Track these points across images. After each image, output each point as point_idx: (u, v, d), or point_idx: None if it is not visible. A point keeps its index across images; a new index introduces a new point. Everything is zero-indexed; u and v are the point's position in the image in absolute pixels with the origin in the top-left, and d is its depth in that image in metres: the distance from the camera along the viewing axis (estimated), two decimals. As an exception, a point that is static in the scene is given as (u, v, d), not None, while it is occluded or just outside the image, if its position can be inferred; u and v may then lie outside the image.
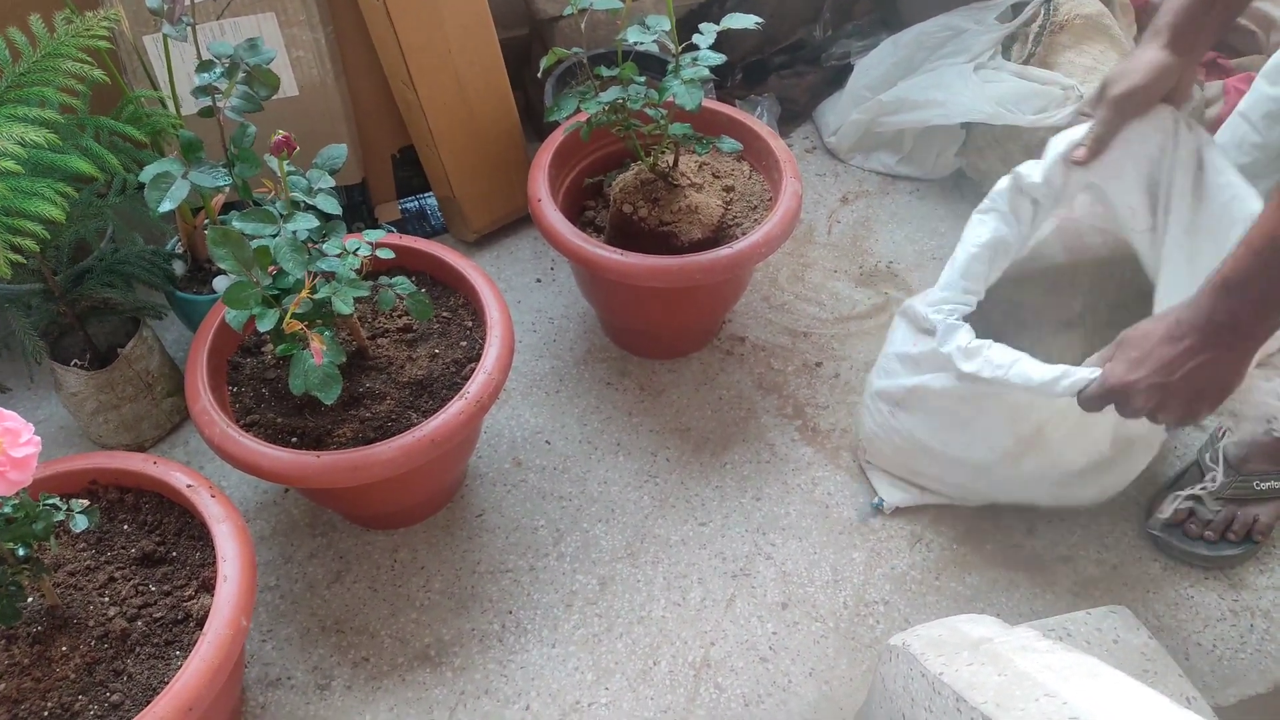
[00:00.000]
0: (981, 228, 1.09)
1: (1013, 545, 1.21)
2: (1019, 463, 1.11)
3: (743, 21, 1.13)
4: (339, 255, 0.97)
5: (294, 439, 1.05)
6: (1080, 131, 1.07)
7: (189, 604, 0.93)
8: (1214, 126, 1.29)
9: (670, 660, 1.10)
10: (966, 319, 1.07)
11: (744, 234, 1.25)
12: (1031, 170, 1.09)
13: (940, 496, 1.23)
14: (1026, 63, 1.56)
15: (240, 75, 0.97)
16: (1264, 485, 1.18)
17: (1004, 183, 1.10)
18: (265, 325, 0.90)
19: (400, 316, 1.16)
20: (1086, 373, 0.93)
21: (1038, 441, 1.08)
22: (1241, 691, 1.09)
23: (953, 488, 1.22)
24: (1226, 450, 1.21)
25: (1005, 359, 1.00)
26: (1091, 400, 0.93)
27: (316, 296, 0.93)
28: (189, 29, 0.99)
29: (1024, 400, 1.04)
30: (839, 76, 1.77)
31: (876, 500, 1.24)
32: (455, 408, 1.02)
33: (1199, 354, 0.84)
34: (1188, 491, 1.20)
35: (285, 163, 0.94)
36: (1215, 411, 0.89)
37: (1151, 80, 1.02)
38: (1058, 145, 1.08)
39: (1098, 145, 1.05)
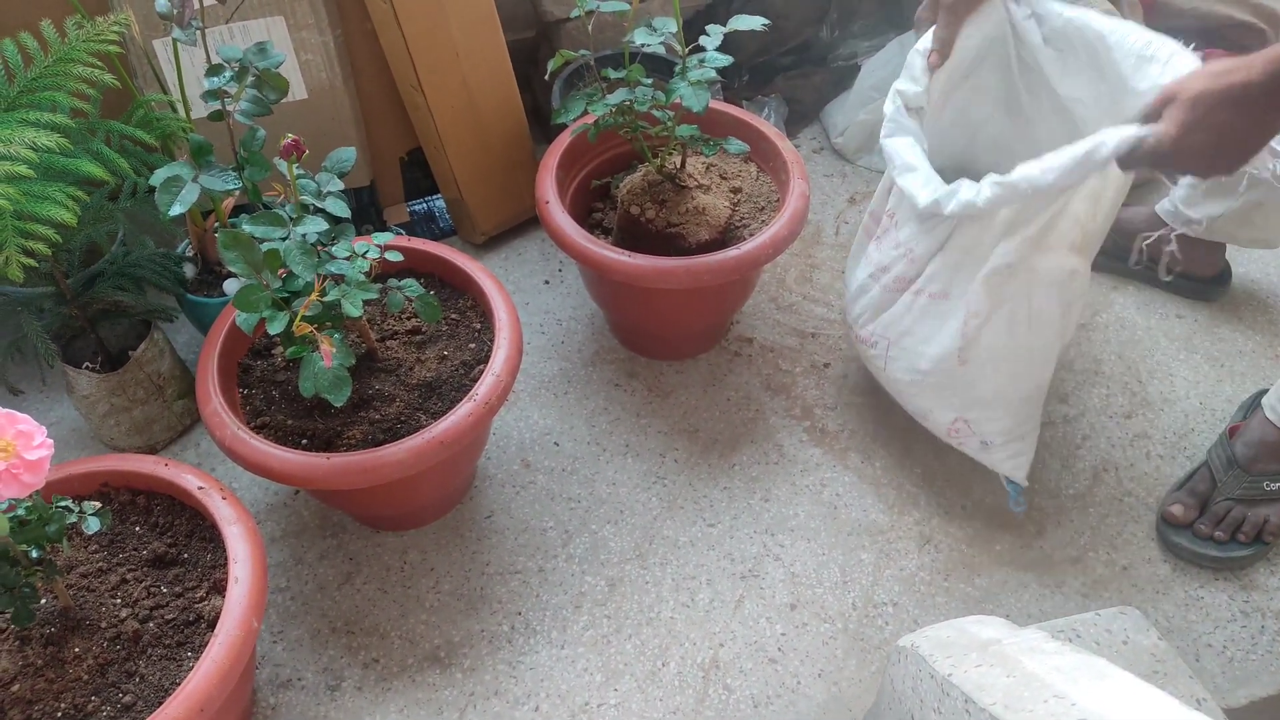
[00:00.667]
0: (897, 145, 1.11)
1: (1021, 546, 1.21)
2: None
3: (749, 23, 1.13)
4: (348, 258, 0.97)
5: (304, 441, 1.05)
6: (926, 40, 1.13)
7: (200, 605, 0.94)
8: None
9: (679, 661, 1.10)
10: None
11: (751, 235, 1.25)
12: (907, 84, 1.13)
13: (1024, 412, 1.17)
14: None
15: (250, 79, 0.97)
16: (1274, 486, 1.17)
17: (891, 105, 1.12)
18: (275, 328, 0.91)
19: (409, 319, 1.17)
20: (1130, 132, 0.89)
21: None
22: (1253, 693, 1.08)
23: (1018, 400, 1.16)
24: (1235, 451, 1.20)
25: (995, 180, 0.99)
26: (1136, 159, 0.89)
27: (326, 299, 0.94)
28: (198, 33, 0.99)
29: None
30: (846, 77, 1.77)
31: (1012, 493, 1.19)
32: (464, 409, 1.03)
33: (1260, 115, 0.82)
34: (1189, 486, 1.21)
35: (294, 166, 0.94)
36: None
37: None
38: (916, 58, 1.13)
39: (943, 47, 1.12)
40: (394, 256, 1.07)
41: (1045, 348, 1.13)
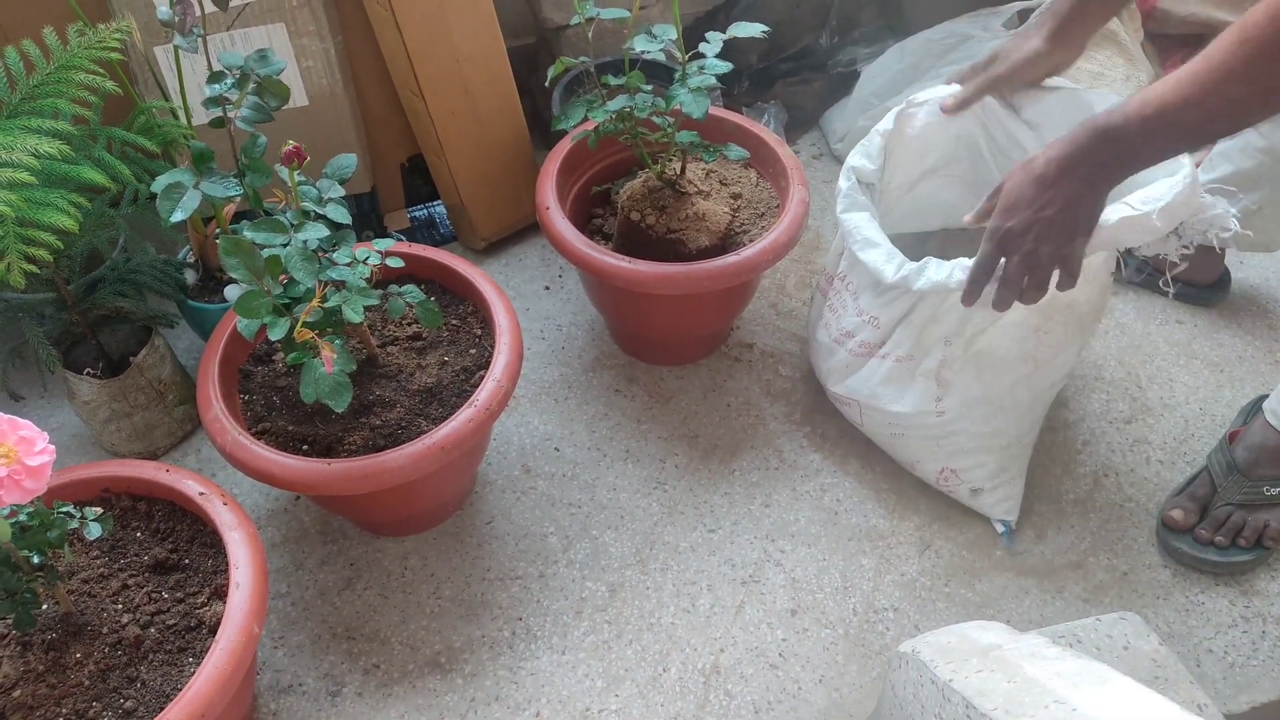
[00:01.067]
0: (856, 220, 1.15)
1: (1022, 551, 1.21)
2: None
3: (749, 30, 1.14)
4: (349, 264, 0.97)
5: (305, 447, 1.05)
6: (888, 119, 1.19)
7: (201, 611, 0.94)
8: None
9: (680, 667, 1.10)
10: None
11: (751, 241, 1.25)
12: (861, 161, 1.17)
13: (1009, 455, 1.20)
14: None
15: (251, 86, 0.98)
16: (1274, 491, 1.17)
17: (845, 181, 1.17)
18: (276, 334, 0.91)
19: (410, 324, 1.17)
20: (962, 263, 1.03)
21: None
22: (1254, 699, 1.08)
23: (1004, 438, 1.19)
24: (1236, 456, 1.20)
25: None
26: (981, 264, 0.99)
27: (327, 305, 0.94)
28: (200, 40, 0.99)
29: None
30: (845, 83, 1.77)
31: (1002, 531, 1.22)
32: (464, 415, 1.03)
33: (1071, 189, 0.92)
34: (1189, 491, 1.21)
35: (295, 172, 0.94)
36: (1086, 248, 0.97)
37: (1027, 70, 1.14)
38: (875, 136, 1.19)
39: (961, 106, 1.18)
40: (395, 262, 1.07)
41: (1018, 395, 1.15)
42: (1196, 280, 1.48)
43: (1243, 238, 1.37)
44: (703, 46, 1.15)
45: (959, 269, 1.04)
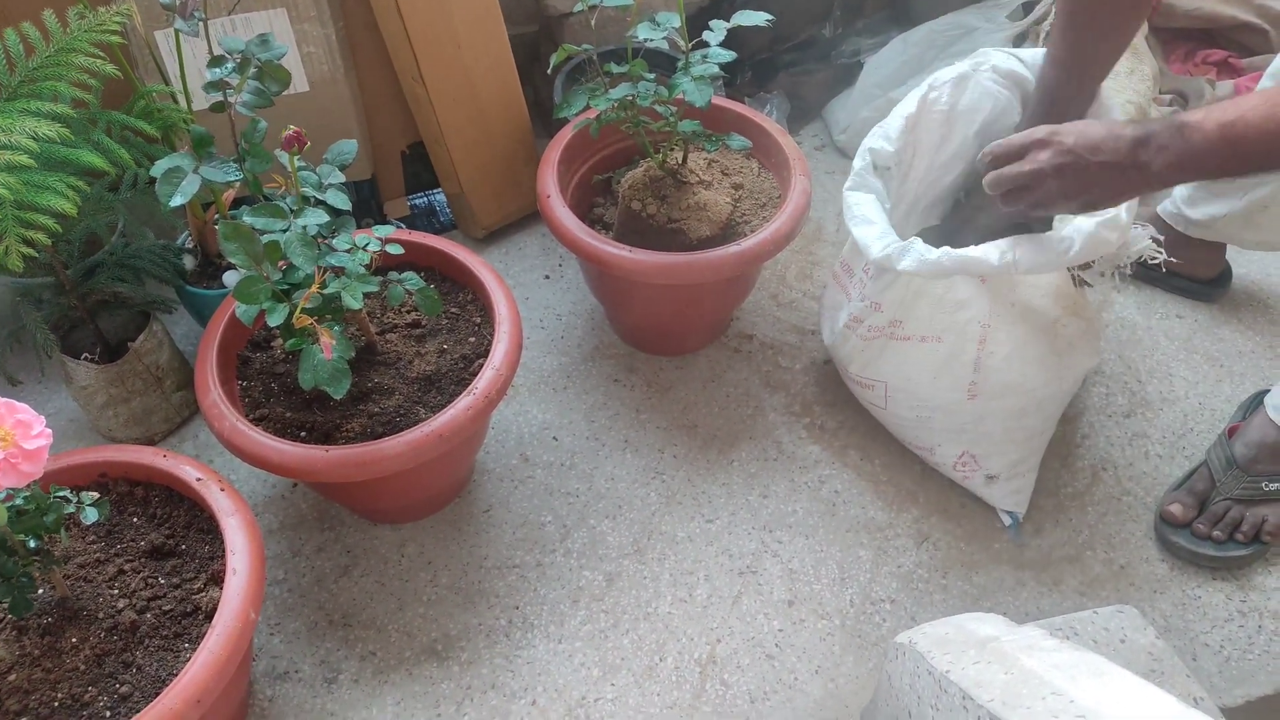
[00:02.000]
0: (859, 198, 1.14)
1: (1020, 544, 1.21)
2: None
3: (753, 19, 1.13)
4: (348, 250, 0.97)
5: (303, 433, 1.05)
6: (909, 102, 1.17)
7: (198, 597, 0.94)
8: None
9: (676, 656, 1.10)
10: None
11: (752, 232, 1.25)
12: (880, 143, 1.15)
13: (1030, 447, 1.20)
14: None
15: (251, 71, 0.97)
16: (1272, 486, 1.17)
17: (860, 161, 1.15)
18: (275, 320, 0.91)
19: (409, 312, 1.17)
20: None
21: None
22: (1249, 692, 1.09)
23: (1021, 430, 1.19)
24: (1235, 451, 1.20)
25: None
26: (1000, 164, 1.01)
27: (326, 291, 0.94)
28: (201, 24, 0.99)
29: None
30: (849, 74, 1.77)
31: (1010, 523, 1.22)
32: (463, 403, 1.03)
33: (1118, 171, 0.92)
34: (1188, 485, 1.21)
35: (296, 158, 0.94)
36: (1092, 209, 0.99)
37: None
38: (897, 119, 1.16)
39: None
40: (394, 250, 1.07)
41: (1048, 388, 1.15)
42: (1197, 275, 1.48)
43: (1248, 237, 1.37)
44: (706, 35, 1.15)
45: (946, 255, 1.03)
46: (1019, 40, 1.61)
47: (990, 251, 1.03)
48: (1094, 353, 1.18)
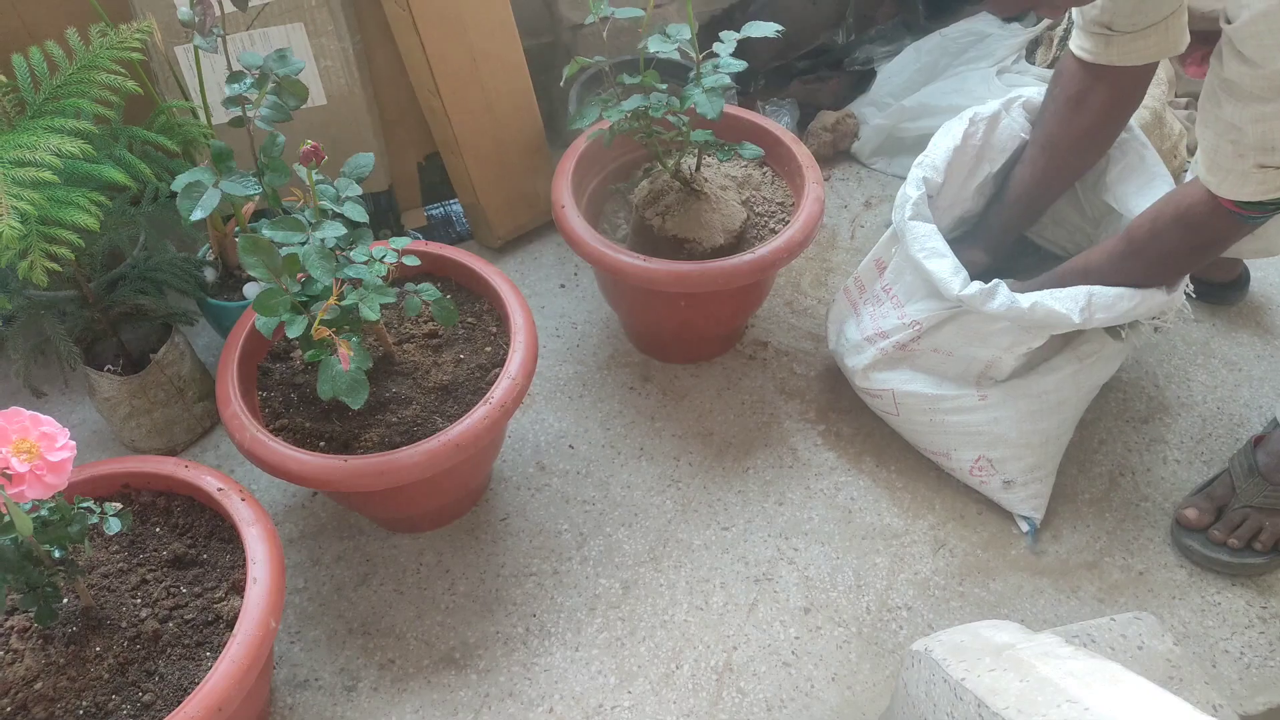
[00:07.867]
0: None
1: (1037, 551, 1.21)
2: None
3: (763, 30, 1.14)
4: (366, 262, 0.98)
5: (322, 443, 1.06)
6: (956, 133, 1.23)
7: (219, 606, 0.95)
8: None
9: (693, 664, 1.11)
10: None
11: (766, 240, 1.25)
12: (930, 172, 1.18)
13: (1046, 453, 1.21)
14: (1050, 66, 1.55)
15: (270, 85, 0.99)
16: (1293, 494, 1.17)
17: (915, 190, 1.17)
18: (294, 331, 0.92)
19: (426, 322, 1.18)
20: None
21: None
22: (1270, 700, 1.08)
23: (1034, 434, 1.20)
24: (1258, 459, 1.19)
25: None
26: None
27: (344, 303, 0.95)
28: (219, 40, 1.00)
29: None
30: (862, 82, 1.77)
31: (1027, 530, 1.22)
32: (480, 412, 1.03)
33: None
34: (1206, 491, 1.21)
35: (314, 171, 0.95)
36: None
37: None
38: (940, 150, 1.21)
39: None
40: (411, 261, 1.08)
41: (1063, 392, 1.16)
42: (1215, 279, 1.47)
43: (1247, 246, 1.36)
44: (717, 46, 1.15)
45: (1038, 306, 1.05)
46: (1032, 46, 1.61)
47: (1072, 309, 1.05)
48: (1114, 359, 1.18)
